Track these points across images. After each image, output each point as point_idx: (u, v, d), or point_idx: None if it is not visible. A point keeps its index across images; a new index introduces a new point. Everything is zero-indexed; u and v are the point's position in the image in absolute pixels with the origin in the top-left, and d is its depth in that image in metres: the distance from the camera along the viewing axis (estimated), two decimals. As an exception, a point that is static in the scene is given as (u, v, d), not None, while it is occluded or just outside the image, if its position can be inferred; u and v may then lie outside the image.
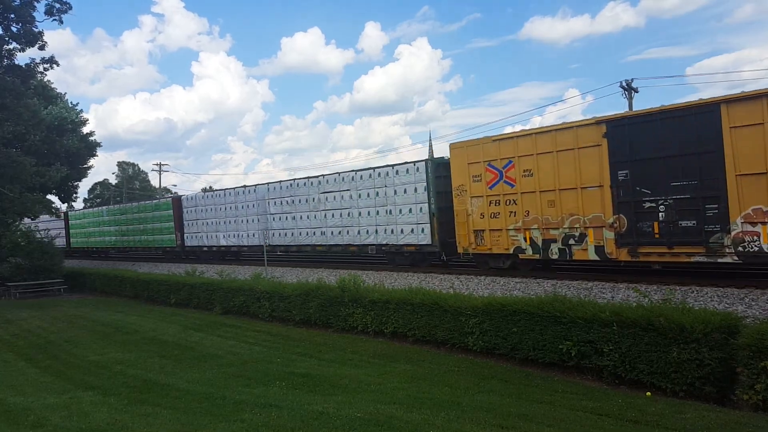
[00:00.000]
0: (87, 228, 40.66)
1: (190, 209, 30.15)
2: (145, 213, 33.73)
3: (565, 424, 6.94)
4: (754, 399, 7.42)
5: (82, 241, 41.66)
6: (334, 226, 21.74)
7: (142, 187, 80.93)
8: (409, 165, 19.15)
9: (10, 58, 24.62)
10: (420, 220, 18.71)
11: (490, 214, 16.26)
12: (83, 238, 41.42)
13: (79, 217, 42.47)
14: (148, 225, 33.31)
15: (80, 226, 41.68)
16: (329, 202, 21.91)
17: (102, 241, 38.91)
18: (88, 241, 40.79)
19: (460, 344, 11.26)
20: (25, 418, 8.10)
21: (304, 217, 23.09)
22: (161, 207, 32.59)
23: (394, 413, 7.29)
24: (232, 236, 27.10)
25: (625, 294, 12.38)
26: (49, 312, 21.15)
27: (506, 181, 15.84)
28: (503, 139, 16.09)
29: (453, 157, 17.36)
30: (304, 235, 23.08)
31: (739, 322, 8.24)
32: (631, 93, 30.10)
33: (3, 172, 23.77)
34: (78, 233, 41.99)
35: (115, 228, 36.72)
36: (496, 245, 16.13)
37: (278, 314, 16.09)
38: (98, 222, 39.03)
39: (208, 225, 28.69)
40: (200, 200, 29.65)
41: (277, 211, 24.47)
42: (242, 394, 8.80)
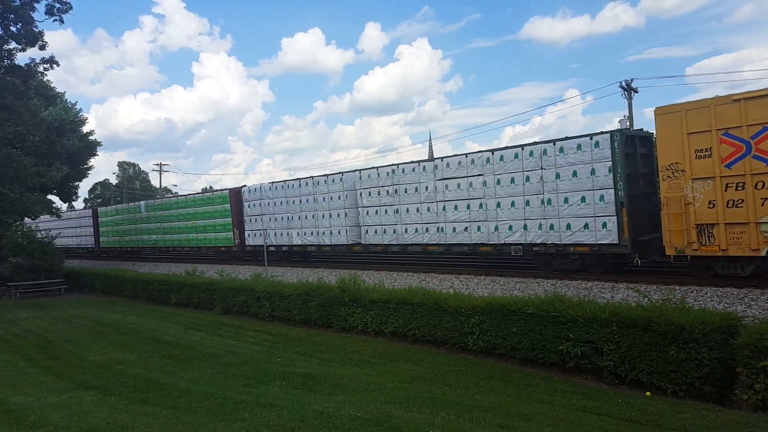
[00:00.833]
0: (120, 226, 36.41)
1: (253, 203, 25.89)
2: (195, 208, 29.55)
3: (565, 423, 6.94)
4: (753, 399, 7.42)
5: (114, 241, 37.69)
6: (457, 220, 17.41)
7: (143, 187, 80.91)
8: (583, 139, 14.72)
9: (10, 58, 24.61)
10: (600, 211, 14.26)
11: (726, 201, 12.05)
12: (115, 237, 37.38)
13: (110, 214, 38.35)
14: (198, 222, 29.03)
15: (112, 223, 37.48)
16: (450, 192, 17.56)
17: (138, 240, 34.81)
18: (122, 240, 36.65)
19: (460, 344, 11.27)
20: (26, 417, 8.10)
21: (411, 211, 18.80)
22: (215, 201, 28.36)
23: (394, 413, 7.30)
24: (309, 234, 22.98)
25: (625, 294, 12.38)
26: (50, 312, 21.16)
27: (758, 156, 11.61)
28: (753, 97, 11.87)
29: (660, 125, 13.03)
30: (411, 232, 18.80)
31: (738, 322, 8.24)
32: (631, 93, 30.09)
33: (3, 172, 23.78)
34: (109, 232, 38.01)
35: (156, 225, 32.62)
36: (735, 245, 12.03)
37: (278, 314, 16.10)
38: (134, 219, 34.88)
39: (278, 221, 24.52)
40: (267, 192, 25.25)
41: (372, 204, 20.27)
42: (242, 393, 8.81)
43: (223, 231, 27.64)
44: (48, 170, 28.65)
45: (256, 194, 25.96)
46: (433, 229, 18.19)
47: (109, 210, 39.47)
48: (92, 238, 39.78)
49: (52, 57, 25.12)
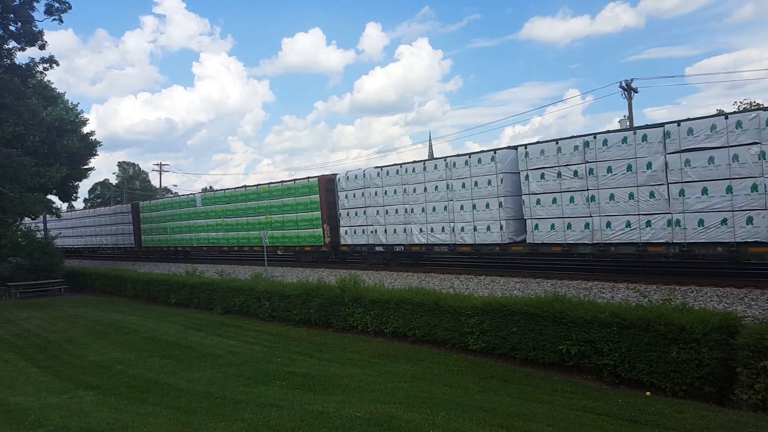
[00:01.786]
0: (170, 222, 31.66)
1: (352, 193, 21.13)
2: (270, 200, 24.88)
3: (565, 423, 6.94)
4: (753, 399, 7.42)
5: (161, 240, 32.76)
6: (711, 209, 12.30)
7: (143, 187, 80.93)
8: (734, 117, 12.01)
9: (10, 57, 24.61)
10: None
11: None
12: (161, 236, 32.55)
13: (155, 209, 33.49)
14: (275, 216, 24.65)
15: (159, 219, 32.79)
16: (696, 170, 12.43)
17: (191, 238, 30.07)
18: (171, 239, 31.79)
19: (460, 344, 11.27)
20: (26, 417, 8.10)
21: (619, 197, 13.82)
22: (298, 191, 23.34)
23: (394, 413, 7.30)
24: (439, 230, 18.15)
25: (625, 294, 12.38)
26: (50, 312, 21.16)
27: None
28: None
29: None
30: (619, 227, 13.79)
31: (738, 322, 8.24)
32: (631, 93, 30.11)
33: (3, 172, 23.78)
34: (153, 229, 33.43)
35: (216, 221, 28.01)
36: None
37: (278, 314, 16.10)
38: (188, 214, 30.21)
39: (389, 215, 19.72)
40: (374, 179, 20.28)
41: (546, 189, 15.32)
42: (242, 393, 8.81)
43: (309, 227, 22.81)
44: (48, 170, 28.64)
45: (357, 182, 20.99)
46: (661, 223, 13.04)
47: (153, 204, 34.50)
48: (131, 237, 35.28)
49: (51, 57, 25.15)
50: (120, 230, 37.20)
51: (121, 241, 36.93)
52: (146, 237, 34.46)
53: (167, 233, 32.29)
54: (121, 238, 37.04)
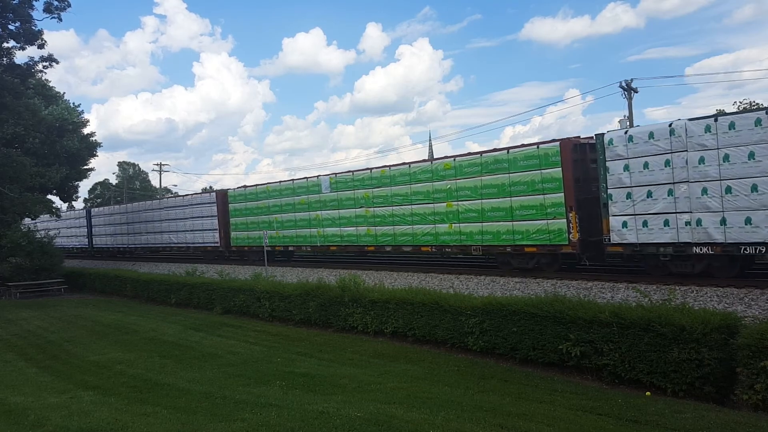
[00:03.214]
0: (277, 213, 24.78)
1: (640, 161, 13.36)
2: (457, 179, 17.64)
3: (565, 423, 6.94)
4: (753, 399, 7.42)
5: (261, 237, 24.10)
6: None
7: (143, 186, 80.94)
8: None
9: (9, 56, 24.58)
10: None
11: None
12: (261, 232, 24.19)
13: (255, 197, 26.19)
14: (467, 204, 17.37)
15: (255, 211, 26.08)
16: None
17: (314, 236, 23.02)
18: (278, 236, 24.80)
19: (460, 344, 11.27)
20: (25, 417, 8.11)
21: None
22: (516, 163, 16.14)
23: (394, 413, 7.30)
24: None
25: (625, 294, 12.38)
26: (50, 312, 21.16)
27: None
28: None
29: None
30: None
31: (738, 322, 8.24)
32: (631, 93, 30.12)
33: (3, 171, 23.76)
34: (250, 223, 26.24)
35: (355, 212, 21.10)
36: None
37: (278, 314, 16.09)
38: (307, 203, 23.26)
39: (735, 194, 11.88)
40: (695, 136, 12.43)
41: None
42: (242, 393, 8.81)
43: (536, 217, 15.66)
44: (47, 170, 28.62)
45: (657, 144, 13.05)
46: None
47: (250, 192, 26.71)
48: (216, 234, 28.45)
49: (50, 55, 25.09)
50: (199, 225, 29.97)
51: (201, 239, 29.74)
52: (237, 234, 27.27)
53: (270, 228, 24.86)
54: (200, 236, 29.84)
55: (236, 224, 27.55)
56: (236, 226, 27.55)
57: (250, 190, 27.01)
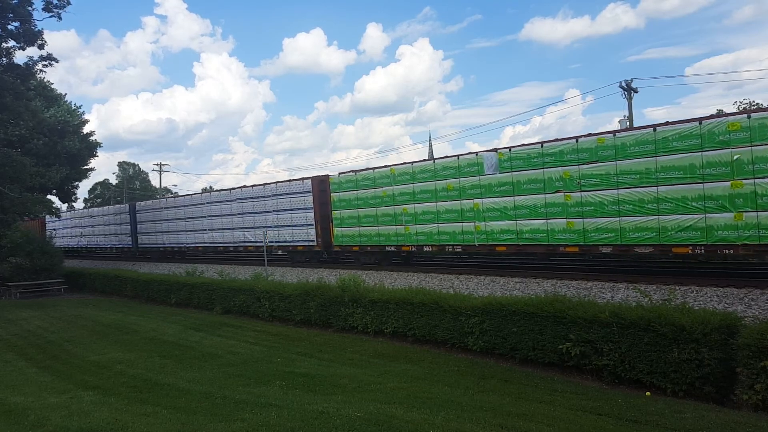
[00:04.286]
0: (406, 203, 19.24)
1: None
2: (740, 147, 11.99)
3: (565, 423, 6.94)
4: (753, 399, 7.42)
5: (381, 235, 20.23)
6: None
7: (143, 187, 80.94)
8: None
9: (9, 56, 24.56)
10: None
11: None
12: (386, 227, 19.98)
13: (369, 182, 20.58)
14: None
15: (371, 201, 20.48)
16: None
17: (456, 234, 17.80)
18: (405, 234, 19.33)
19: (460, 344, 11.27)
20: (25, 417, 8.10)
21: None
22: None
23: (394, 413, 7.30)
24: None
25: (625, 294, 12.38)
26: (50, 312, 21.15)
27: None
28: None
29: None
30: None
31: (738, 322, 8.24)
32: (631, 93, 30.14)
33: (3, 171, 23.76)
34: (362, 218, 20.85)
35: (542, 198, 15.64)
36: None
37: (278, 314, 16.09)
38: (454, 189, 17.83)
39: None
40: None
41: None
42: (242, 393, 8.81)
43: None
44: (47, 171, 28.62)
45: None
46: None
47: (365, 177, 20.89)
48: (311, 231, 22.98)
49: (50, 54, 25.05)
50: (282, 220, 24.31)
51: (287, 236, 24.06)
52: (343, 231, 21.64)
53: (394, 222, 19.59)
54: (287, 232, 24.02)
55: (341, 218, 21.85)
56: (342, 220, 21.82)
57: (365, 175, 21.01)
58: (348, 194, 21.60)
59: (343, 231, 21.87)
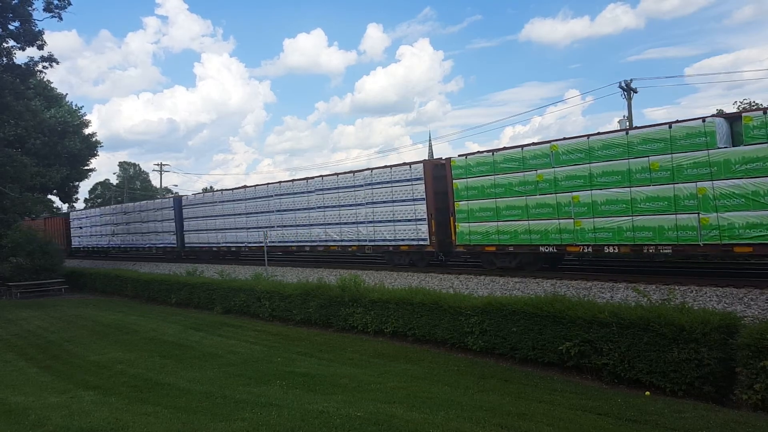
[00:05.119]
0: (579, 190, 14.54)
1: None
2: None
3: (565, 423, 6.95)
4: (753, 399, 7.43)
5: (524, 232, 15.84)
6: None
7: (143, 187, 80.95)
8: None
9: (9, 56, 24.58)
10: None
11: None
12: (514, 223, 16.03)
13: (517, 164, 16.03)
14: None
15: (517, 188, 15.92)
16: None
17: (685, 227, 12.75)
18: (577, 230, 14.56)
19: (460, 344, 11.28)
20: (26, 417, 8.11)
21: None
22: None
23: (394, 412, 7.30)
24: None
25: (624, 294, 12.39)
26: (50, 312, 21.16)
27: None
28: None
29: None
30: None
31: (738, 321, 8.24)
32: (631, 93, 30.15)
33: (3, 171, 23.77)
34: (502, 210, 16.35)
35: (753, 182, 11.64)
36: None
37: (278, 314, 16.10)
38: (666, 169, 12.96)
39: None
40: None
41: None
42: (242, 393, 8.81)
43: None
44: (48, 171, 28.64)
45: None
46: None
47: (507, 158, 16.35)
48: (422, 227, 18.62)
49: (51, 55, 25.08)
50: (381, 214, 20.08)
51: (386, 233, 19.97)
52: (470, 227, 17.18)
53: (557, 214, 15.06)
54: (386, 229, 19.87)
55: (469, 211, 17.17)
56: (470, 213, 17.17)
57: (509, 155, 16.25)
58: (480, 180, 16.85)
59: (471, 227, 17.15)
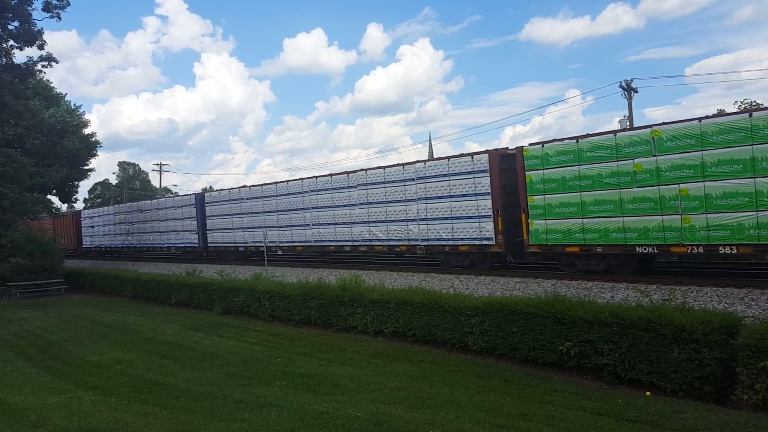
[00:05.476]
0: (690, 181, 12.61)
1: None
2: None
3: (565, 423, 6.94)
4: (753, 399, 7.42)
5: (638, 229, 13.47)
6: None
7: (143, 187, 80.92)
8: None
9: (8, 56, 24.56)
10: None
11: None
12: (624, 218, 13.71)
13: (609, 151, 13.97)
14: None
15: (610, 178, 13.93)
16: None
17: None
18: (694, 231, 12.52)
19: (460, 344, 11.27)
20: (26, 417, 8.10)
21: None
22: None
23: (394, 413, 7.30)
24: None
25: (625, 294, 12.38)
26: (50, 312, 21.15)
27: None
28: None
29: None
30: None
31: (738, 322, 8.24)
32: (631, 93, 30.15)
33: (3, 171, 23.76)
34: (588, 207, 14.39)
35: None
36: None
37: (278, 314, 16.09)
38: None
39: None
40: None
41: None
42: (242, 393, 8.81)
43: None
44: (47, 170, 28.62)
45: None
46: None
47: (595, 145, 14.39)
48: (487, 224, 16.75)
49: (50, 54, 25.06)
50: (435, 210, 18.18)
51: (443, 231, 17.94)
52: (548, 224, 15.24)
53: (650, 211, 13.43)
54: (442, 227, 17.96)
55: (546, 206, 15.24)
56: (547, 209, 15.24)
57: (597, 142, 14.35)
58: (561, 171, 14.91)
59: (548, 224, 15.21)
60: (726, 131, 12.17)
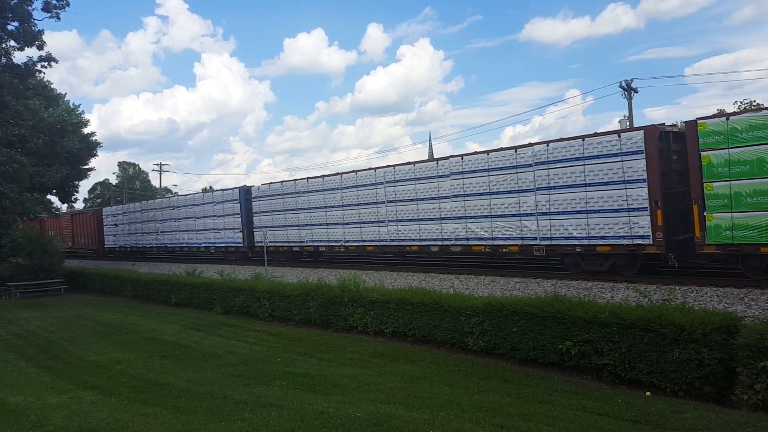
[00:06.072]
0: None
1: None
2: None
3: (565, 423, 6.94)
4: (753, 399, 7.42)
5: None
6: None
7: (143, 187, 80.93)
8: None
9: (8, 56, 24.55)
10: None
11: None
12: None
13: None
14: None
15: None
16: None
17: None
18: None
19: (460, 344, 11.27)
20: (26, 417, 8.10)
21: None
22: None
23: (394, 413, 7.30)
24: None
25: (625, 294, 12.38)
26: (50, 312, 21.15)
27: None
28: None
29: None
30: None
31: (738, 322, 8.24)
32: (631, 93, 30.16)
33: (3, 171, 23.75)
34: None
35: None
36: None
37: (278, 314, 16.09)
38: None
39: None
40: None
41: None
42: (242, 393, 8.81)
43: None
44: (47, 170, 28.60)
45: None
46: None
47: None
48: (641, 219, 13.70)
49: (49, 55, 25.04)
50: (561, 202, 15.27)
51: (571, 227, 15.08)
52: (735, 219, 12.03)
53: None
54: (574, 222, 14.98)
55: (734, 196, 12.12)
56: (734, 199, 12.13)
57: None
58: (756, 150, 11.76)
59: (735, 219, 12.07)
60: None
